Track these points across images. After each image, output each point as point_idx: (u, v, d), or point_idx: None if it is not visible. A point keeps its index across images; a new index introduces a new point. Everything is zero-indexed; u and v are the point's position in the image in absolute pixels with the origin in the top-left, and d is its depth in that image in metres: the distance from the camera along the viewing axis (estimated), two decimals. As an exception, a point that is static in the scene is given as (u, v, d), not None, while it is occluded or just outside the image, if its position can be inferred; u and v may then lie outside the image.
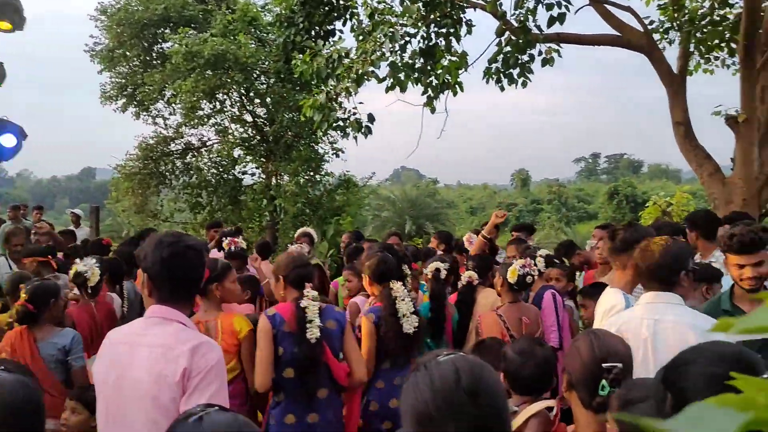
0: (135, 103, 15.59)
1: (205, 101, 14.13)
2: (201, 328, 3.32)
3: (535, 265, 4.38)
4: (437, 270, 4.67)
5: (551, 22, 8.07)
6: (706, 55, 9.36)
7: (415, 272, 5.11)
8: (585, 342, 2.18)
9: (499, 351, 2.84)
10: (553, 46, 8.41)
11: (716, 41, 8.96)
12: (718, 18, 8.77)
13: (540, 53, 8.42)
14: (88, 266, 4.54)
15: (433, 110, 8.95)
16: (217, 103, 14.57)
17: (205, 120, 14.81)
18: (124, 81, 15.62)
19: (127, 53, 15.33)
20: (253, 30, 13.96)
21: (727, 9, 8.73)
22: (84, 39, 15.87)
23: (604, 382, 2.06)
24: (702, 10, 8.78)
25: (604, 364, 2.08)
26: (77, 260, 4.90)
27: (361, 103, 8.63)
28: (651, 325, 2.75)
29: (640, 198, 37.95)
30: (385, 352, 3.76)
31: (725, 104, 8.02)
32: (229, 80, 13.12)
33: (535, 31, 8.22)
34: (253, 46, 13.18)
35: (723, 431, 0.33)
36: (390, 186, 53.92)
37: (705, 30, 8.75)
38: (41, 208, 11.28)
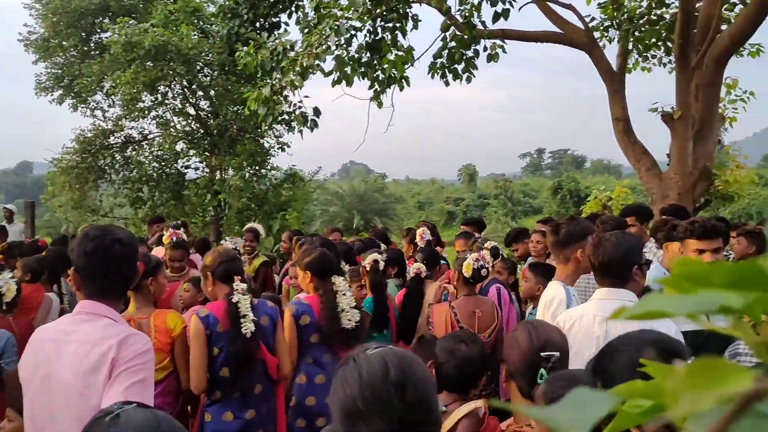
0: (72, 94, 15.04)
1: (145, 93, 13.74)
2: (133, 326, 3.22)
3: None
4: (375, 262, 4.64)
5: (496, 18, 8.16)
6: (644, 54, 9.62)
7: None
8: (523, 332, 2.21)
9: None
10: (498, 42, 8.50)
11: (653, 40, 9.20)
12: (655, 17, 9.01)
13: (485, 49, 8.50)
14: (4, 281, 4.26)
15: (380, 105, 8.94)
16: (159, 95, 14.17)
17: (146, 113, 14.39)
18: (60, 72, 15.04)
19: (64, 43, 14.78)
20: (195, 21, 13.65)
21: (664, 9, 8.98)
22: (19, 28, 15.25)
23: (542, 370, 2.09)
24: (640, 10, 9.01)
25: (542, 353, 2.11)
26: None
27: (306, 96, 8.58)
28: (603, 324, 2.74)
29: (583, 192, 38.80)
30: (306, 347, 3.73)
31: (662, 101, 8.26)
32: (170, 72, 12.78)
33: (480, 27, 8.29)
34: (195, 37, 12.88)
35: (593, 415, 0.32)
36: (338, 181, 53.80)
37: (643, 29, 8.98)
38: (-28, 203, 10.80)
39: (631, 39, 8.95)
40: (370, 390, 1.29)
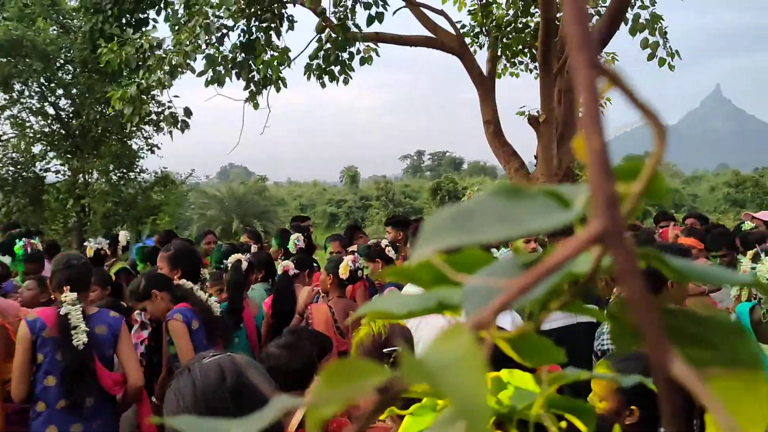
0: None
1: (-2, 91, 12.69)
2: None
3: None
4: (238, 261, 4.49)
5: (370, 21, 8.20)
6: (512, 60, 10.03)
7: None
8: (367, 335, 2.26)
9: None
10: (372, 45, 8.56)
11: (520, 47, 9.62)
12: (521, 25, 9.42)
13: (358, 52, 8.53)
14: None
15: (256, 106, 8.77)
16: (14, 93, 13.13)
17: (0, 112, 13.30)
18: None
19: None
20: (54, 15, 12.75)
21: (529, 17, 9.40)
22: None
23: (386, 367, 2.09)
24: (507, 17, 9.38)
25: (384, 350, 2.13)
26: None
27: (176, 96, 8.23)
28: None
29: (461, 193, 40.11)
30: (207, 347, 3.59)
31: (529, 105, 8.64)
32: (26, 68, 11.88)
33: (354, 29, 8.30)
34: (54, 32, 12.04)
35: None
36: (216, 184, 52.38)
37: (510, 36, 9.36)
38: None
39: (500, 45, 9.30)
40: (205, 399, 1.23)
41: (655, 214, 7.27)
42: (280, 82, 8.67)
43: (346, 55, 8.61)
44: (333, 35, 8.34)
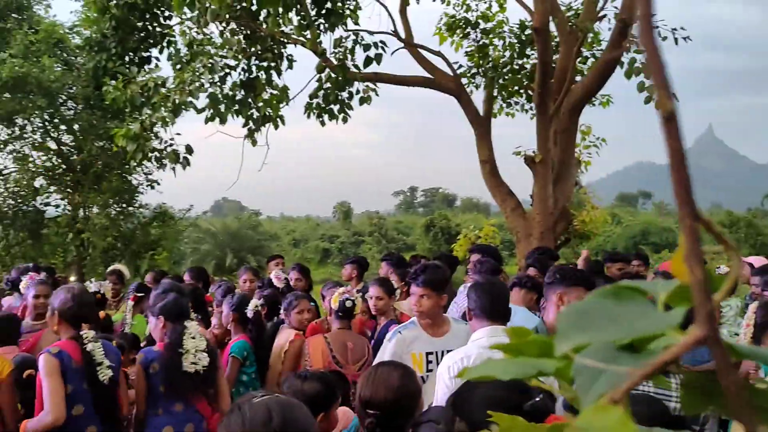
0: None
1: (1, 126, 12.86)
2: None
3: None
4: (258, 308, 4.59)
5: (368, 62, 8.41)
6: (508, 100, 10.27)
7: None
8: (362, 378, 2.33)
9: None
10: (371, 85, 8.77)
11: (516, 87, 9.87)
12: (517, 67, 9.68)
13: (357, 92, 8.73)
14: None
15: (254, 143, 8.90)
16: (17, 128, 13.32)
17: (2, 146, 13.46)
18: None
19: None
20: (59, 53, 13.01)
21: (525, 59, 9.68)
22: None
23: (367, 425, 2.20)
24: (503, 59, 9.65)
25: (366, 409, 2.20)
26: None
27: (178, 134, 8.37)
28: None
29: (454, 230, 40.16)
30: (156, 396, 3.58)
31: (525, 145, 8.84)
32: (30, 104, 12.08)
33: (354, 69, 8.52)
34: (59, 69, 12.27)
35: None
36: (210, 218, 52.37)
37: (506, 77, 9.61)
38: None
39: (496, 86, 9.55)
40: None
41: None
42: (278, 120, 8.83)
43: (345, 95, 8.81)
44: (333, 75, 8.56)
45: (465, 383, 1.71)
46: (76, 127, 13.26)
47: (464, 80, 9.62)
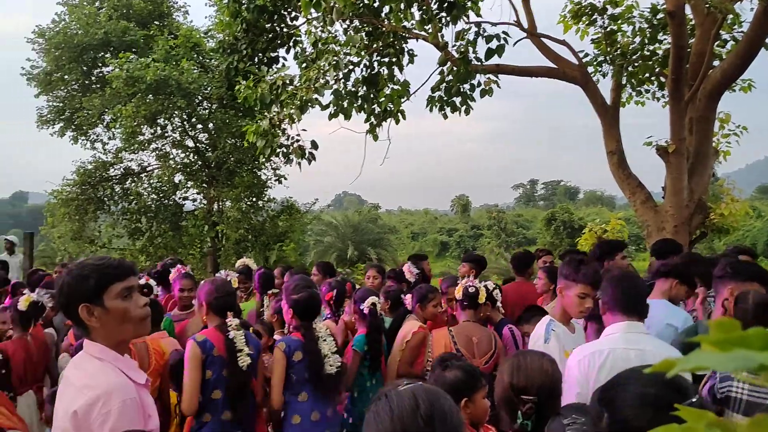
0: (73, 127, 15.23)
1: (146, 126, 13.92)
2: (133, 350, 3.44)
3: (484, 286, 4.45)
4: (373, 305, 4.62)
5: (489, 54, 8.30)
6: (638, 88, 9.80)
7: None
8: (508, 367, 2.30)
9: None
10: (492, 77, 8.66)
11: (647, 75, 9.40)
12: (648, 53, 9.21)
13: (479, 84, 8.65)
14: (41, 298, 4.46)
15: (375, 138, 9.04)
16: (159, 128, 14.36)
17: (146, 145, 14.57)
18: (61, 105, 15.25)
19: (65, 77, 15.00)
20: (195, 56, 13.87)
21: (657, 44, 9.19)
22: (19, 61, 15.46)
23: (519, 412, 2.17)
24: (633, 45, 9.22)
25: (521, 395, 2.18)
26: (26, 291, 4.83)
27: (304, 130, 8.66)
28: (639, 355, 2.74)
29: (576, 224, 38.98)
30: (299, 383, 3.80)
31: (656, 134, 8.41)
32: (171, 105, 12.97)
33: (476, 62, 8.45)
34: (195, 71, 13.08)
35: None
36: (332, 211, 53.84)
37: (636, 64, 9.18)
38: (-29, 234, 10.84)
39: (625, 74, 9.14)
40: (401, 424, 1.38)
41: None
42: (399, 114, 8.93)
43: (467, 87, 8.76)
44: (455, 68, 8.53)
45: (614, 378, 1.68)
46: (210, 125, 14.10)
47: (590, 69, 9.30)
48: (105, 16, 14.82)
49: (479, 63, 8.47)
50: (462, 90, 8.74)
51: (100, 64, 14.99)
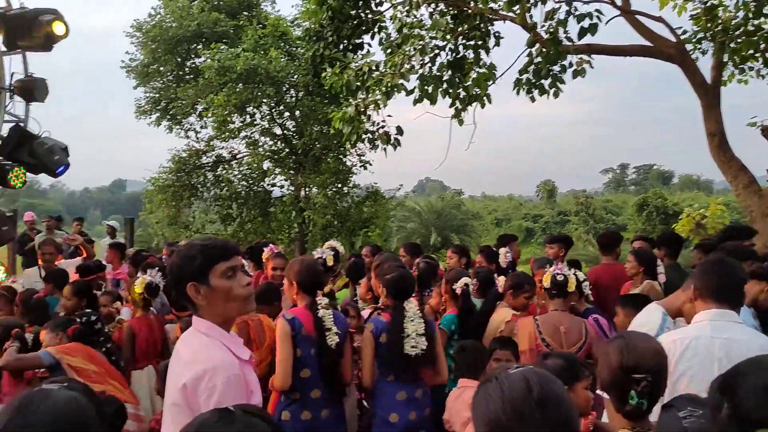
0: (168, 116, 15.89)
1: (236, 115, 14.34)
2: (251, 324, 3.68)
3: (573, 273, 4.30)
4: (466, 285, 4.62)
5: (582, 33, 8.02)
6: (740, 66, 9.23)
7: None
8: (616, 347, 2.19)
9: None
10: (585, 57, 8.37)
11: (750, 51, 8.83)
12: (752, 28, 8.65)
13: (571, 65, 8.37)
14: (156, 278, 4.72)
15: (461, 122, 8.95)
16: (248, 116, 14.77)
17: (236, 133, 15.03)
18: (157, 96, 15.94)
19: (161, 68, 15.66)
20: (283, 44, 14.14)
21: (762, 19, 8.61)
22: (106, 56, 16.31)
23: (633, 392, 2.08)
24: (736, 20, 8.67)
25: (633, 375, 2.09)
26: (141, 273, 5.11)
27: (389, 116, 8.67)
28: (724, 345, 2.65)
29: (671, 210, 37.36)
30: (387, 365, 3.83)
31: (761, 114, 7.92)
32: (260, 94, 13.30)
33: (566, 42, 8.19)
34: (283, 60, 13.34)
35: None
36: (415, 197, 53.87)
37: (739, 40, 8.64)
38: (81, 219, 11.51)
39: (726, 51, 8.63)
40: (512, 406, 1.36)
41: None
42: (485, 98, 8.78)
43: (557, 68, 8.51)
44: (543, 49, 8.30)
45: (736, 366, 1.59)
46: (297, 113, 14.36)
47: (689, 46, 8.83)
48: (197, 8, 15.34)
49: (570, 43, 8.21)
50: (551, 72, 8.51)
51: (193, 56, 15.56)
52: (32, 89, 6.67)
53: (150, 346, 4.81)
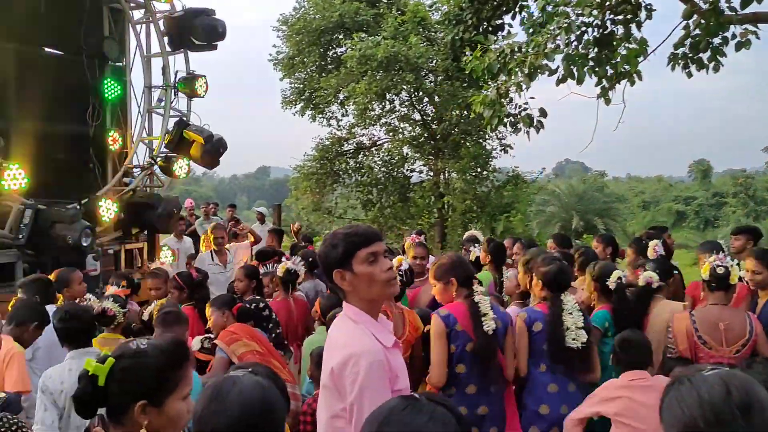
0: (311, 106, 16.51)
1: (376, 102, 14.61)
2: (390, 316, 3.60)
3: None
4: (620, 279, 4.35)
5: (746, 2, 7.38)
6: None
7: None
8: None
9: None
10: (750, 27, 7.69)
11: None
12: None
13: (734, 36, 7.72)
14: (297, 265, 4.99)
15: (608, 102, 8.55)
16: (387, 103, 15.00)
17: (376, 120, 15.33)
18: (302, 86, 16.59)
19: (305, 60, 16.26)
20: (422, 30, 14.19)
21: None
22: (256, 50, 17.15)
23: None
24: None
25: None
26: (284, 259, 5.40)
27: (532, 98, 8.45)
28: None
29: None
30: (541, 356, 3.77)
31: None
32: (399, 81, 13.45)
33: (728, 12, 7.57)
34: (422, 45, 13.40)
35: None
36: (554, 180, 52.33)
37: None
38: (234, 206, 12.28)
39: None
40: (712, 411, 1.29)
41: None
42: (636, 75, 8.32)
43: (717, 40, 7.89)
44: (702, 21, 7.72)
45: None
46: (436, 98, 14.38)
47: None
48: (339, -1, 15.78)
49: (733, 13, 7.57)
50: (711, 44, 7.90)
51: (335, 46, 16.02)
52: (194, 86, 7.18)
53: (290, 329, 5.00)
